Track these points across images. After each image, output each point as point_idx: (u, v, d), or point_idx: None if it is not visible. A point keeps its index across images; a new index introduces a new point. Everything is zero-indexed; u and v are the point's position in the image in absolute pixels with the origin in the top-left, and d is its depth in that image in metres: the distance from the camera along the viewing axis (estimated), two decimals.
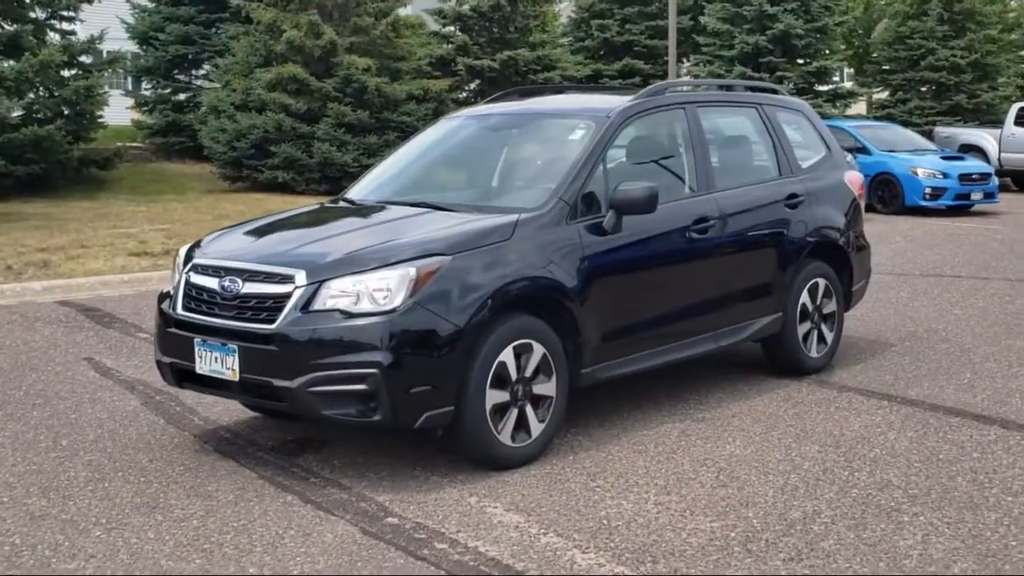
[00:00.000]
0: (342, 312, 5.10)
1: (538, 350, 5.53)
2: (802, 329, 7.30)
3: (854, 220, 7.78)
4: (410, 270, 5.13)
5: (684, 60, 32.25)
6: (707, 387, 7.08)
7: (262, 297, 5.25)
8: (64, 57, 18.87)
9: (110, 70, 21.53)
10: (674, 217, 6.38)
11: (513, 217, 5.66)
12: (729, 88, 7.61)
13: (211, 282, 5.47)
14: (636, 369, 6.19)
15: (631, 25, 30.75)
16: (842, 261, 7.63)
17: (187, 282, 5.61)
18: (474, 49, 24.83)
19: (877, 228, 17.09)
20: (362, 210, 6.30)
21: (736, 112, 7.43)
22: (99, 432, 6.18)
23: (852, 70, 38.87)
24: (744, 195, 6.90)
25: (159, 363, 5.79)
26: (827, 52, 27.84)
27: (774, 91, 7.89)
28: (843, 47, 37.04)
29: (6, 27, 19.47)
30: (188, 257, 5.77)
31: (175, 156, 24.38)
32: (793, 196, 7.21)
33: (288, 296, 5.17)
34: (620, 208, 5.93)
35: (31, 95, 19.65)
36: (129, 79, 27.33)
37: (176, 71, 25.04)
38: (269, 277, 5.28)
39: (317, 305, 5.14)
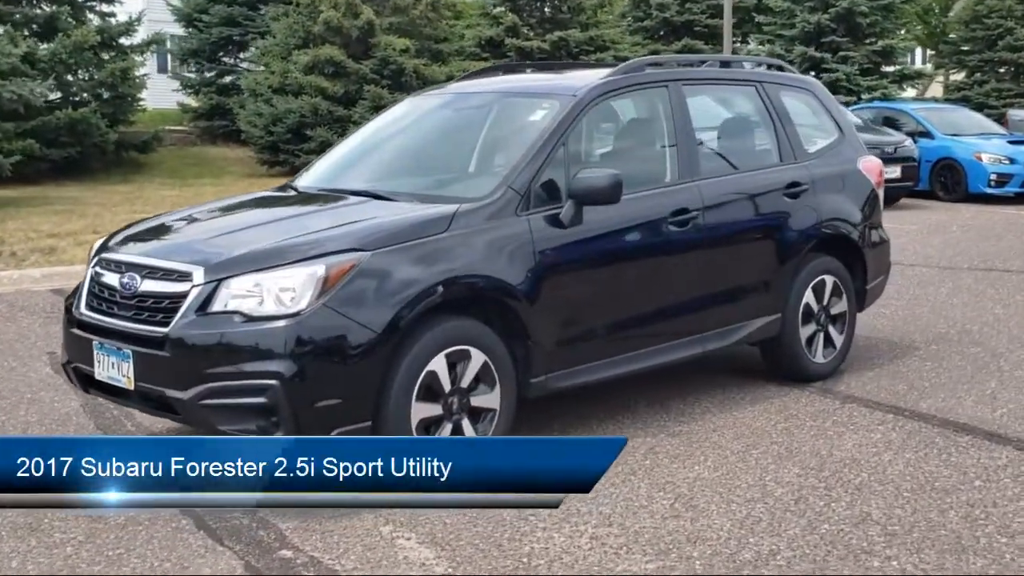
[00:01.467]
0: (242, 315, 4.54)
1: (477, 357, 4.92)
2: (805, 331, 6.57)
3: (870, 211, 7.02)
4: (318, 268, 4.55)
5: (746, 40, 31.23)
6: (695, 394, 6.41)
7: (158, 296, 4.72)
8: (98, 38, 18.56)
9: (149, 52, 21.22)
10: (648, 208, 5.71)
11: (451, 208, 5.05)
12: (726, 64, 6.87)
13: (114, 279, 4.95)
14: (601, 377, 5.55)
15: (691, 4, 29.82)
16: (854, 256, 6.88)
17: (91, 278, 5.10)
18: (524, 30, 24.18)
19: (935, 217, 16.17)
20: (296, 199, 5.73)
21: (730, 91, 6.71)
22: None
23: (931, 51, 37.43)
24: (734, 183, 6.19)
25: (64, 367, 5.29)
26: (894, 31, 26.61)
27: (780, 68, 7.13)
28: (918, 27, 35.75)
29: (43, 9, 19.27)
30: (100, 250, 5.26)
31: (219, 140, 24.10)
32: (794, 184, 6.48)
33: (184, 296, 4.62)
34: (579, 198, 5.29)
35: (68, 77, 19.46)
36: (175, 61, 27.06)
37: (221, 53, 24.73)
38: (167, 274, 4.74)
39: (216, 306, 4.58)
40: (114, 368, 4.79)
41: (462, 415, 4.89)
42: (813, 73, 25.31)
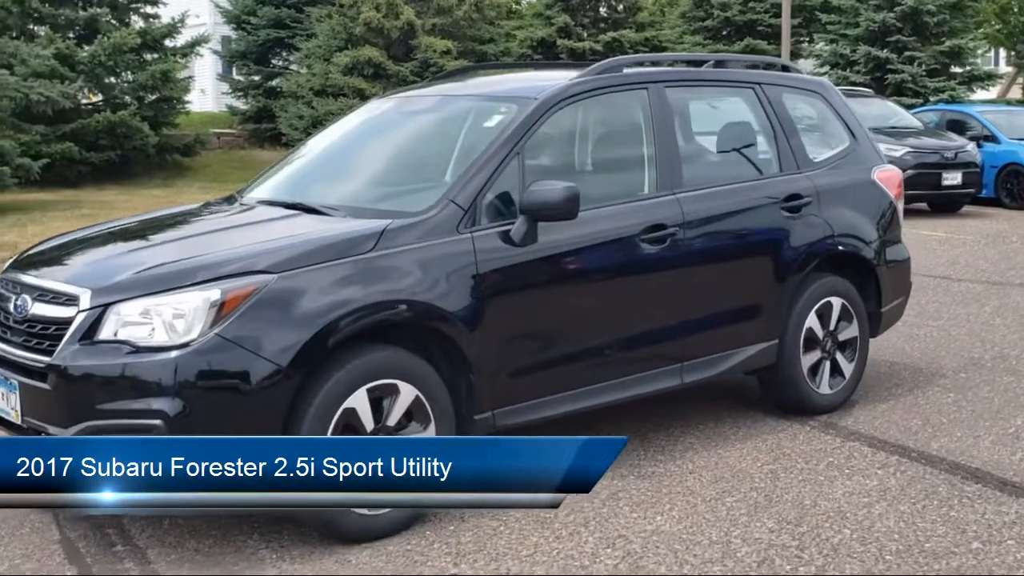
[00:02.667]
0: (130, 345, 4.06)
1: (407, 392, 4.39)
2: (808, 360, 5.93)
3: (886, 226, 6.34)
4: (212, 293, 4.05)
5: (811, 40, 30.27)
6: (683, 427, 5.81)
7: (46, 322, 4.25)
8: (138, 40, 18.38)
9: (194, 54, 21.04)
10: (617, 223, 5.14)
11: (380, 225, 4.52)
12: (721, 64, 6.25)
13: (9, 301, 4.50)
14: (560, 412, 4.97)
15: (754, 3, 28.99)
16: (867, 276, 6.21)
17: None
18: (577, 30, 23.62)
19: (995, 226, 15.27)
20: (225, 212, 5.25)
21: (723, 93, 6.08)
22: None
23: (1011, 52, 36.03)
24: (722, 196, 5.58)
25: None
26: (964, 30, 25.51)
27: (785, 68, 6.48)
28: (996, 26, 34.42)
29: (86, 11, 19.15)
30: (7, 268, 4.82)
31: (267, 143, 23.88)
32: (795, 197, 5.85)
33: (70, 322, 4.15)
34: (532, 213, 4.73)
35: (111, 80, 19.33)
36: (222, 64, 26.91)
37: (270, 55, 24.51)
38: (56, 297, 4.28)
39: (104, 334, 4.10)
40: (3, 399, 4.35)
41: None
42: (878, 74, 24.42)
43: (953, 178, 16.42)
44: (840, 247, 6.05)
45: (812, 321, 5.93)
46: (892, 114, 18.13)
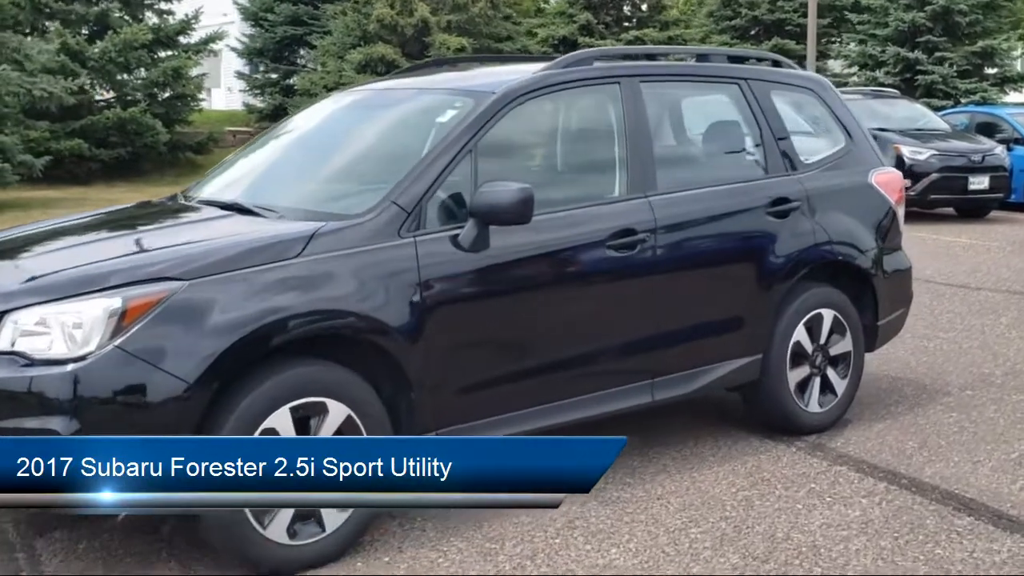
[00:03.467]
0: (25, 357, 3.72)
1: (337, 411, 4.02)
2: (795, 376, 5.52)
3: (884, 233, 5.91)
4: (113, 301, 3.70)
5: (840, 40, 29.68)
6: (661, 446, 5.42)
7: None
8: (149, 37, 18.15)
9: (208, 52, 20.78)
10: (579, 228, 4.74)
11: (309, 228, 4.16)
12: (703, 58, 5.83)
13: None
14: (517, 431, 4.56)
15: (782, 2, 28.47)
16: (862, 286, 5.79)
17: None
18: (599, 28, 23.19)
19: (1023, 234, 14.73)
20: (157, 213, 4.91)
21: (705, 89, 5.66)
22: None
23: None
24: (699, 200, 5.16)
25: None
26: (997, 31, 24.85)
27: (776, 63, 6.05)
28: None
29: (98, 6, 18.95)
30: None
31: None
32: (781, 201, 5.43)
33: None
34: (482, 216, 4.36)
35: (124, 76, 19.12)
36: (240, 60, 26.67)
37: (287, 52, 24.25)
38: None
39: (1, 345, 3.77)
40: None
41: None
42: (907, 75, 23.84)
43: (980, 182, 15.88)
44: (832, 255, 5.63)
45: (800, 334, 5.51)
46: (919, 116, 17.59)
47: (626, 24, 23.65)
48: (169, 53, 19.61)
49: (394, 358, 4.18)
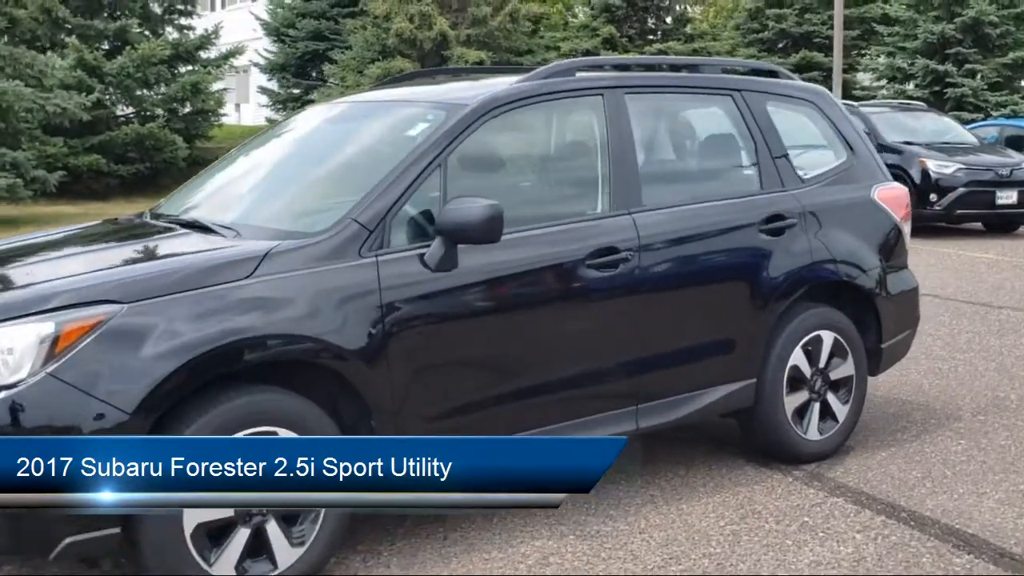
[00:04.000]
0: None
1: None
2: (793, 401, 5.25)
3: (889, 251, 5.64)
4: (46, 326, 3.50)
5: (868, 54, 29.29)
6: (650, 475, 5.16)
7: None
8: (167, 52, 18.11)
9: (230, 67, 20.74)
10: (559, 246, 4.51)
11: (262, 248, 3.95)
12: (694, 68, 5.59)
13: None
14: None
15: (811, 15, 28.14)
16: (864, 307, 5.51)
17: None
18: (622, 41, 22.97)
19: None
20: (115, 232, 4.72)
21: (696, 101, 5.41)
22: None
23: None
24: (687, 217, 4.92)
25: None
26: None
27: (773, 73, 5.79)
28: None
29: (114, 22, 18.94)
30: None
31: None
32: (776, 218, 5.18)
33: None
34: (449, 235, 4.13)
35: (144, 92, 19.09)
36: (263, 76, 26.65)
37: (308, 68, 24.20)
38: None
39: None
40: None
41: (266, 518, 3.77)
42: (936, 88, 23.45)
43: (1008, 197, 15.49)
44: (831, 274, 5.36)
45: (798, 358, 5.25)
46: (946, 129, 17.22)
47: (650, 37, 23.42)
48: (189, 68, 19.58)
49: (352, 385, 3.96)
